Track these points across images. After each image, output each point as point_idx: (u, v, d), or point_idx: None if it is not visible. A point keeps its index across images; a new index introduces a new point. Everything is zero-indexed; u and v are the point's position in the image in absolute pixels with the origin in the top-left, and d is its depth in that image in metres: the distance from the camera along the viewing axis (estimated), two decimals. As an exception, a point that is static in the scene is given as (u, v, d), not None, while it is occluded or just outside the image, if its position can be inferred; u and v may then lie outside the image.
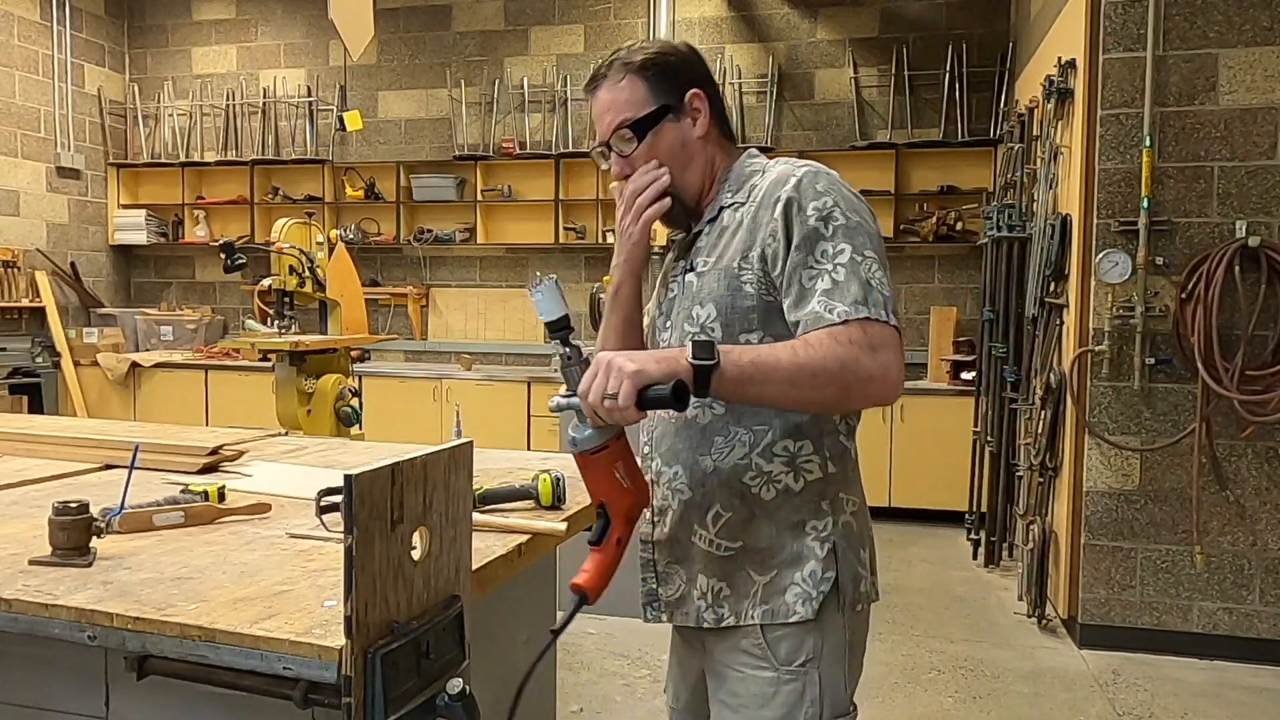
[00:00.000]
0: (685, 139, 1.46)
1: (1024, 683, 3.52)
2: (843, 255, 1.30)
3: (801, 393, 1.25)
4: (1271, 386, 3.57)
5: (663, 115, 1.44)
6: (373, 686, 1.05)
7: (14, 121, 6.88)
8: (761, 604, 1.39)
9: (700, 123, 1.47)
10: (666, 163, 1.45)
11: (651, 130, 1.44)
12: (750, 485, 1.39)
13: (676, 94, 1.45)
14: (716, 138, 1.51)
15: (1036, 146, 4.55)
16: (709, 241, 1.46)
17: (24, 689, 1.41)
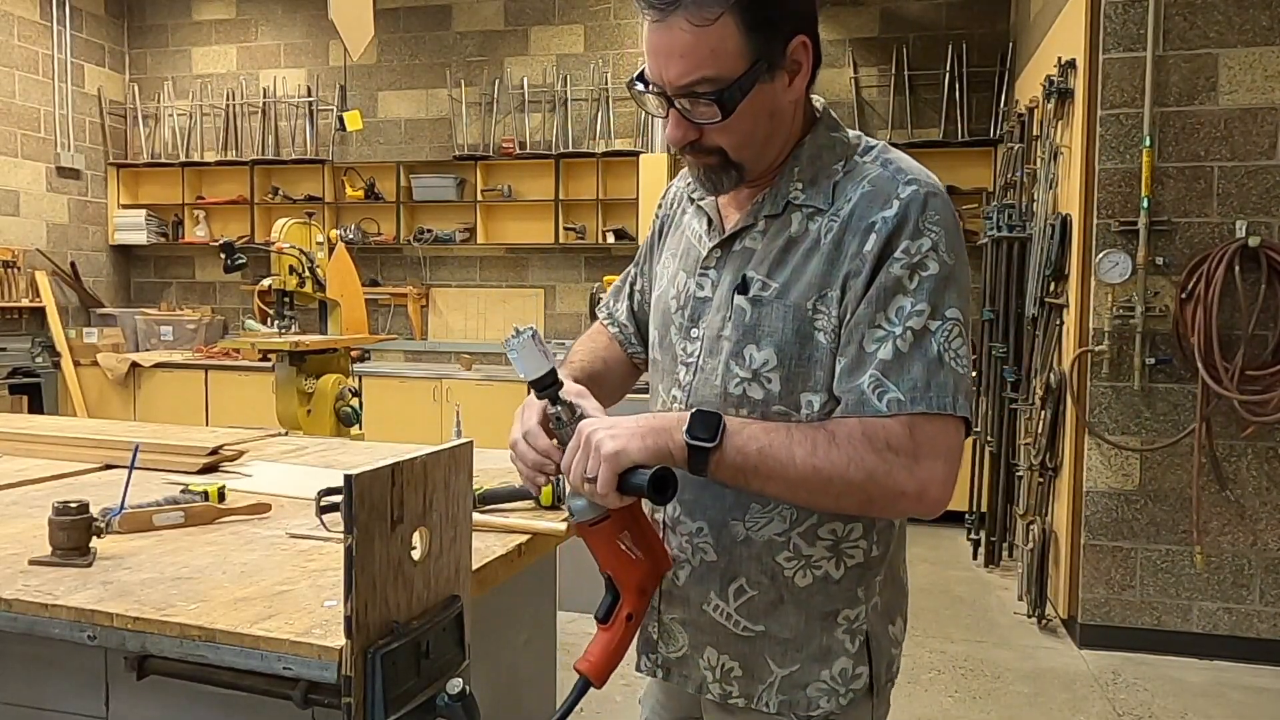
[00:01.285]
0: (776, 105, 1.11)
1: (1024, 683, 3.52)
2: (918, 318, 1.04)
3: (813, 498, 1.07)
4: (1271, 386, 3.57)
5: (758, 76, 1.06)
6: (373, 686, 1.05)
7: (14, 121, 6.88)
8: (779, 694, 1.18)
9: (798, 83, 1.11)
10: (744, 140, 1.11)
11: (745, 97, 1.07)
12: (784, 566, 1.15)
13: (779, 43, 1.07)
14: (805, 100, 1.17)
15: (1036, 146, 4.55)
16: (765, 248, 1.15)
17: (24, 689, 1.41)
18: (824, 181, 1.14)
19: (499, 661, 1.86)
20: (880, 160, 1.13)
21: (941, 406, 1.03)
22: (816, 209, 1.13)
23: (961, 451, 1.08)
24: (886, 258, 1.06)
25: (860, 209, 1.09)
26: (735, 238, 1.18)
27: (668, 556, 1.16)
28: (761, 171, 1.16)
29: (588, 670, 1.11)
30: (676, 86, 1.07)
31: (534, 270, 7.09)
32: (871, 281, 1.06)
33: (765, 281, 1.13)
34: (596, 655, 1.11)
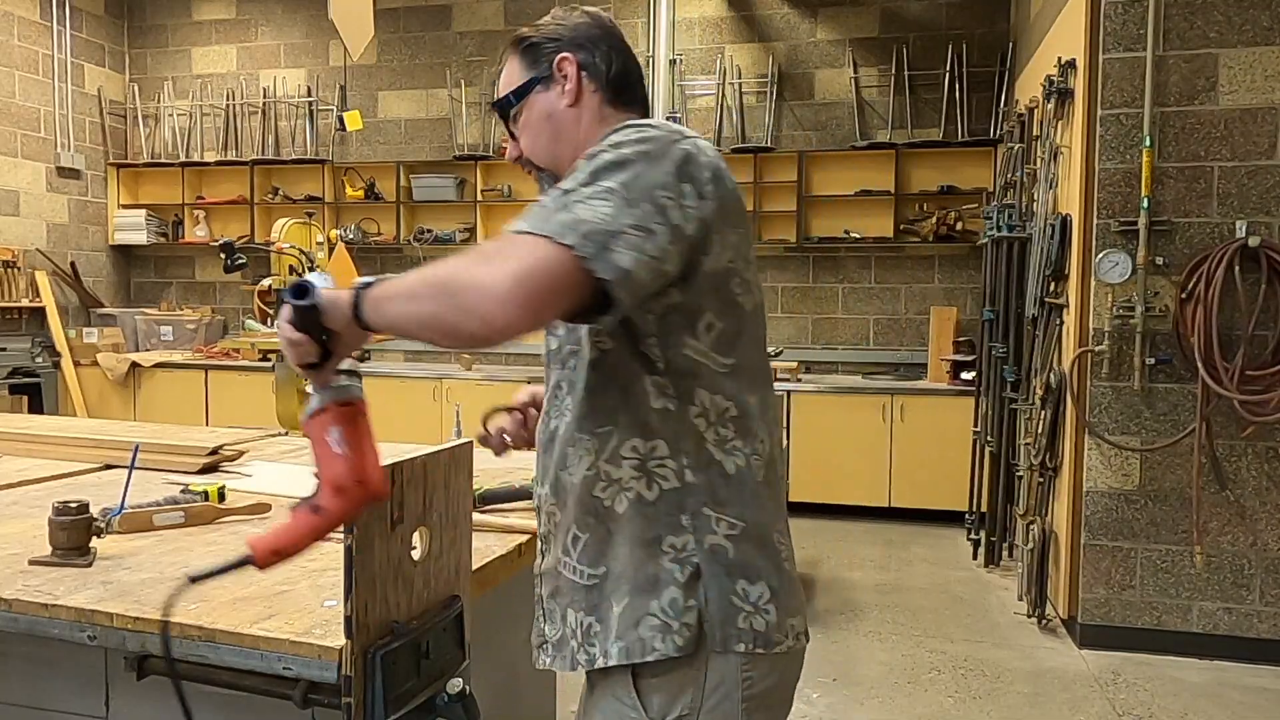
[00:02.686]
0: (552, 109, 1.33)
1: (1024, 683, 3.52)
2: (570, 183, 1.09)
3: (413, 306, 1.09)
4: (1271, 386, 3.57)
5: (530, 87, 1.35)
6: (373, 686, 1.05)
7: (14, 121, 6.88)
8: (617, 639, 1.16)
9: (569, 89, 1.32)
10: (534, 135, 1.35)
11: (520, 102, 1.36)
12: (602, 498, 1.18)
13: (545, 61, 1.35)
14: (598, 106, 1.33)
15: (1036, 146, 4.55)
16: None
17: (24, 689, 1.41)
18: None
19: (499, 661, 1.86)
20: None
21: (544, 230, 1.02)
22: None
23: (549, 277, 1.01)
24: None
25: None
26: None
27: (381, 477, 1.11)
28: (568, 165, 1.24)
29: (252, 545, 1.07)
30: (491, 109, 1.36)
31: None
32: None
33: None
34: (268, 535, 1.07)
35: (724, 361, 1.17)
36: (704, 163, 1.14)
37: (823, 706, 3.28)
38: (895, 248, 6.35)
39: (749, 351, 1.21)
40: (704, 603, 1.15)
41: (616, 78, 1.35)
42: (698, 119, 6.69)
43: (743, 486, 1.19)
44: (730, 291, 1.17)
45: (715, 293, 1.16)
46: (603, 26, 1.38)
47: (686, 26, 6.68)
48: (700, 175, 1.13)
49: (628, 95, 1.35)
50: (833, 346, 6.56)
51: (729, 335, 1.17)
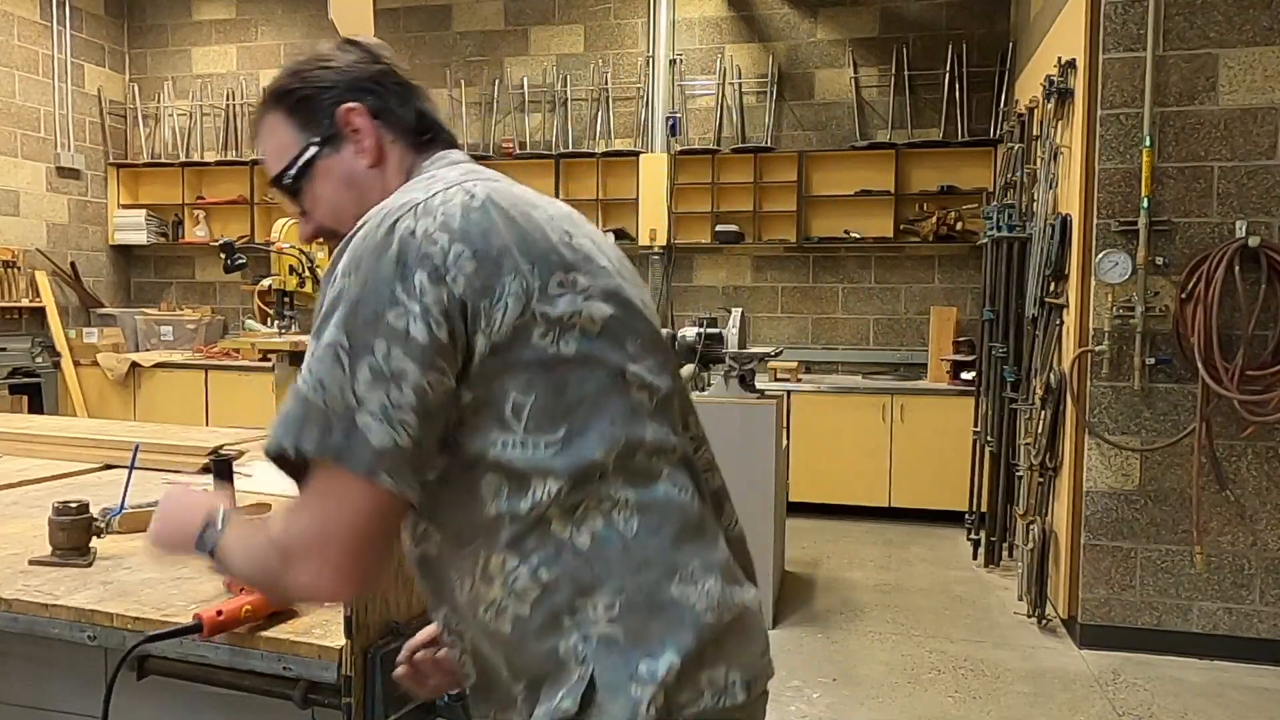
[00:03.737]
0: (350, 174, 1.11)
1: (1024, 683, 3.52)
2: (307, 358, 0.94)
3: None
4: (1271, 386, 3.57)
5: (314, 155, 1.11)
6: (373, 686, 1.05)
7: (14, 121, 6.88)
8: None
9: (367, 146, 1.10)
10: (335, 206, 1.12)
11: (306, 178, 1.12)
12: (485, 620, 1.00)
13: (324, 118, 1.11)
14: (401, 156, 1.13)
15: (1036, 146, 4.55)
16: None
17: (24, 689, 1.41)
18: None
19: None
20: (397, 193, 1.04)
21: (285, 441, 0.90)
22: None
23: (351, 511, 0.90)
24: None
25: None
26: None
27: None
28: None
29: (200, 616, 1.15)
30: (269, 186, 1.15)
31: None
32: None
33: None
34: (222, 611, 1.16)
35: (550, 438, 0.95)
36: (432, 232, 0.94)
37: (823, 706, 3.28)
38: (895, 248, 6.35)
39: (594, 401, 0.98)
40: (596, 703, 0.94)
41: (416, 119, 1.14)
42: (697, 119, 6.70)
43: (605, 554, 0.96)
44: (534, 348, 0.95)
45: (510, 366, 0.95)
46: (380, 60, 1.15)
47: (686, 26, 6.68)
48: (431, 251, 0.93)
49: (431, 134, 1.15)
50: (833, 346, 6.56)
51: (547, 406, 0.96)
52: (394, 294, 0.91)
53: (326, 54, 1.14)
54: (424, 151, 1.14)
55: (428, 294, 0.91)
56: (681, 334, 4.25)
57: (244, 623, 1.14)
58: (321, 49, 1.15)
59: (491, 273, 0.94)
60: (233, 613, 1.13)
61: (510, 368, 0.95)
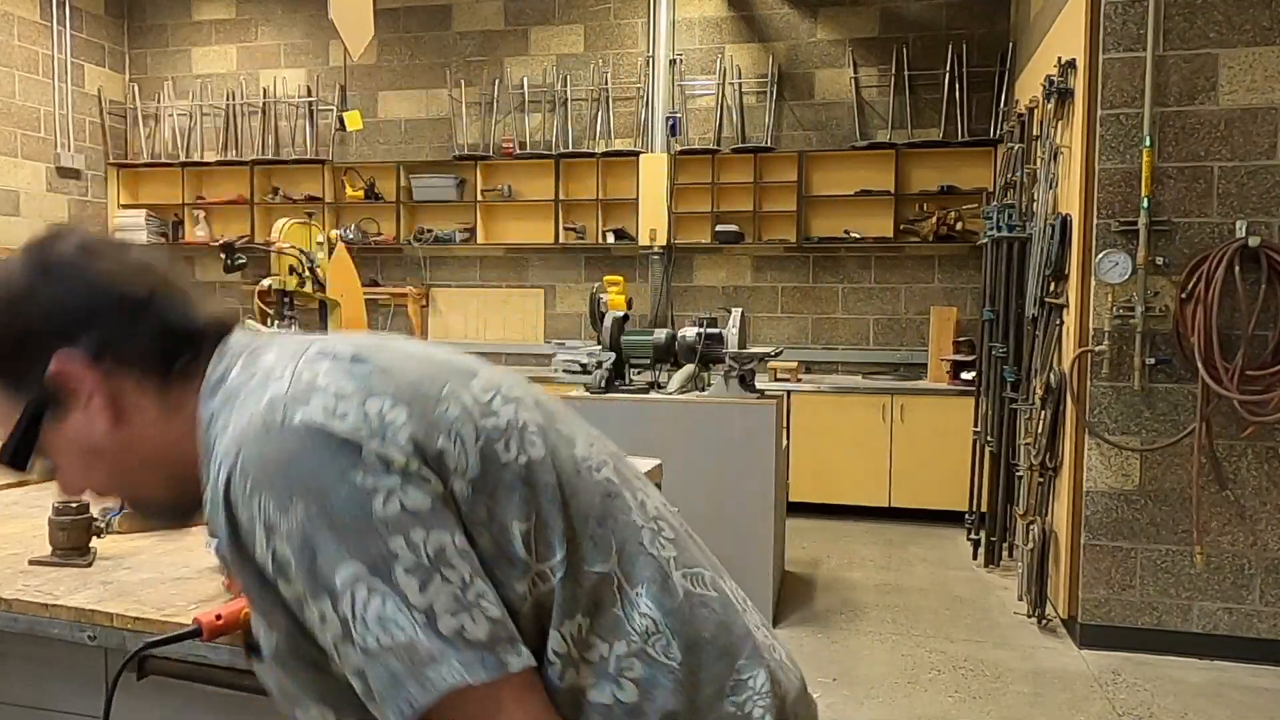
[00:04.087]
0: (91, 442, 0.87)
1: (1024, 683, 3.52)
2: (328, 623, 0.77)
3: None
4: (1271, 386, 3.57)
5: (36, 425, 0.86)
6: (373, 686, 1.05)
7: (14, 121, 6.88)
8: None
9: (97, 405, 0.85)
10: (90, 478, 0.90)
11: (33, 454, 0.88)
12: None
13: (34, 378, 0.85)
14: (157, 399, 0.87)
15: (1036, 146, 4.55)
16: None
17: (24, 689, 1.41)
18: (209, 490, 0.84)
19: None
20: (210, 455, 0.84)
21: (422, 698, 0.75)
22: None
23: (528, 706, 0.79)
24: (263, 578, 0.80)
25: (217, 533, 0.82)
26: None
27: None
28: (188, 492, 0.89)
29: (199, 620, 1.12)
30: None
31: (534, 270, 7.09)
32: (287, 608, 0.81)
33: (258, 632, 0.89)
34: (221, 615, 1.13)
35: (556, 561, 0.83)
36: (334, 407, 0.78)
37: (823, 706, 3.27)
38: (895, 248, 6.36)
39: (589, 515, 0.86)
40: None
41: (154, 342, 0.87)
42: (697, 119, 6.70)
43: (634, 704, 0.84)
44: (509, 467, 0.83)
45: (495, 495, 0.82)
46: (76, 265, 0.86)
47: (686, 26, 6.68)
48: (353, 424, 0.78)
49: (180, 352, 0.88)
50: (833, 346, 6.56)
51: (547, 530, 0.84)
52: (359, 485, 0.76)
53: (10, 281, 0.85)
54: (185, 380, 0.88)
55: (390, 459, 0.77)
56: (682, 334, 4.25)
57: (243, 626, 1.14)
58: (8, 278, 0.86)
59: (424, 410, 0.81)
60: (231, 616, 1.13)
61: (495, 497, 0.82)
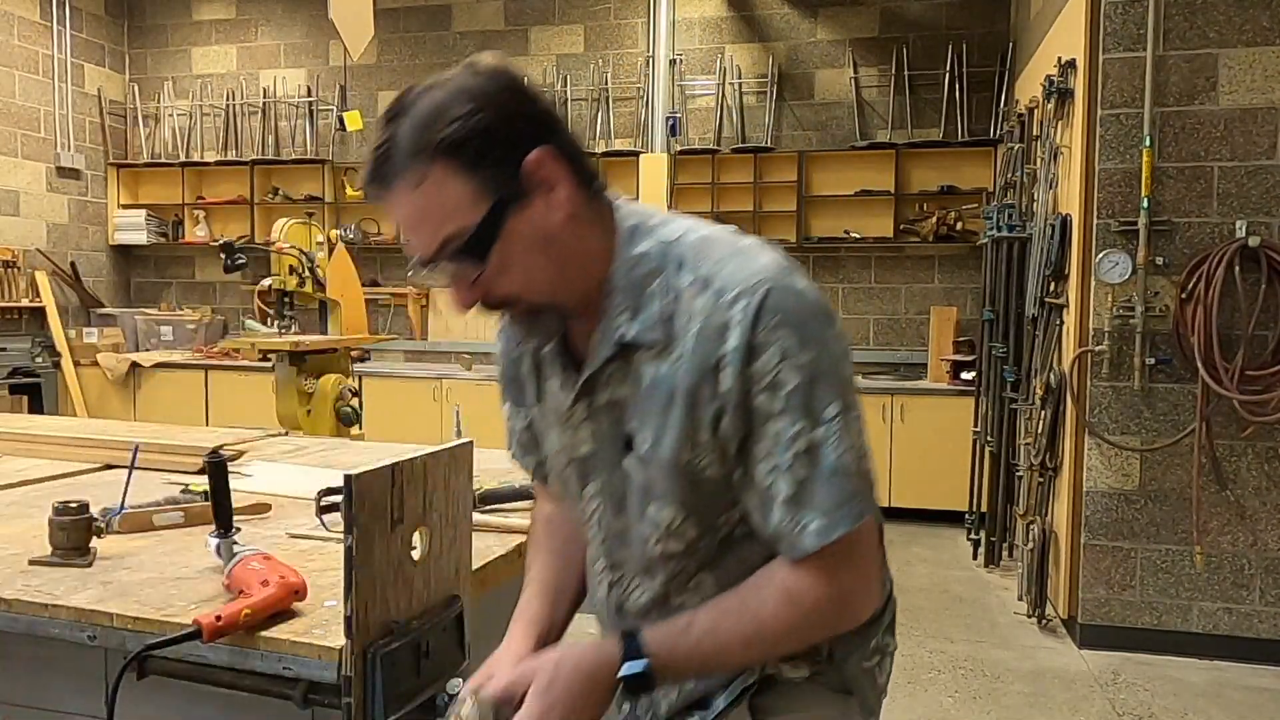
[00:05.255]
0: (545, 232, 1.00)
1: (1024, 683, 3.52)
2: (801, 439, 0.99)
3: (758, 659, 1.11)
4: (1271, 386, 3.57)
5: (503, 212, 0.97)
6: (373, 686, 1.05)
7: (14, 121, 6.88)
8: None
9: (560, 198, 1.00)
10: (528, 270, 1.01)
11: (496, 242, 0.98)
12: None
13: (512, 167, 0.97)
14: (585, 203, 1.03)
15: (1036, 146, 4.55)
16: (630, 397, 1.07)
17: (24, 689, 1.41)
18: (650, 308, 1.03)
19: (499, 661, 1.85)
20: (702, 280, 1.02)
21: (856, 518, 1.02)
22: (656, 349, 1.03)
23: (878, 543, 1.13)
24: (746, 390, 0.99)
25: (701, 348, 1.00)
26: (594, 388, 1.09)
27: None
28: (579, 301, 1.06)
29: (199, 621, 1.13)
30: (429, 255, 0.99)
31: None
32: (742, 417, 1.01)
33: (643, 436, 1.06)
34: (221, 616, 1.14)
35: None
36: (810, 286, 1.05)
37: (823, 706, 3.27)
38: (895, 248, 6.35)
39: None
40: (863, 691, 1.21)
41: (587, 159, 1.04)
42: (697, 119, 6.70)
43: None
44: None
45: None
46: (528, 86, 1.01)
47: (686, 26, 6.68)
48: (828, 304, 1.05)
49: (594, 176, 1.05)
50: (833, 346, 6.55)
51: None
52: (843, 347, 1.03)
53: (489, 86, 0.97)
54: (598, 198, 1.05)
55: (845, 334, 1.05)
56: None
57: (243, 626, 1.15)
58: (474, 82, 0.97)
59: None
60: (231, 617, 1.14)
61: None
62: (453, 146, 0.95)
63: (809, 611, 1.04)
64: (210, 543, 1.34)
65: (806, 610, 1.04)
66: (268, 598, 1.20)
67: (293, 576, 1.24)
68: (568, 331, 1.12)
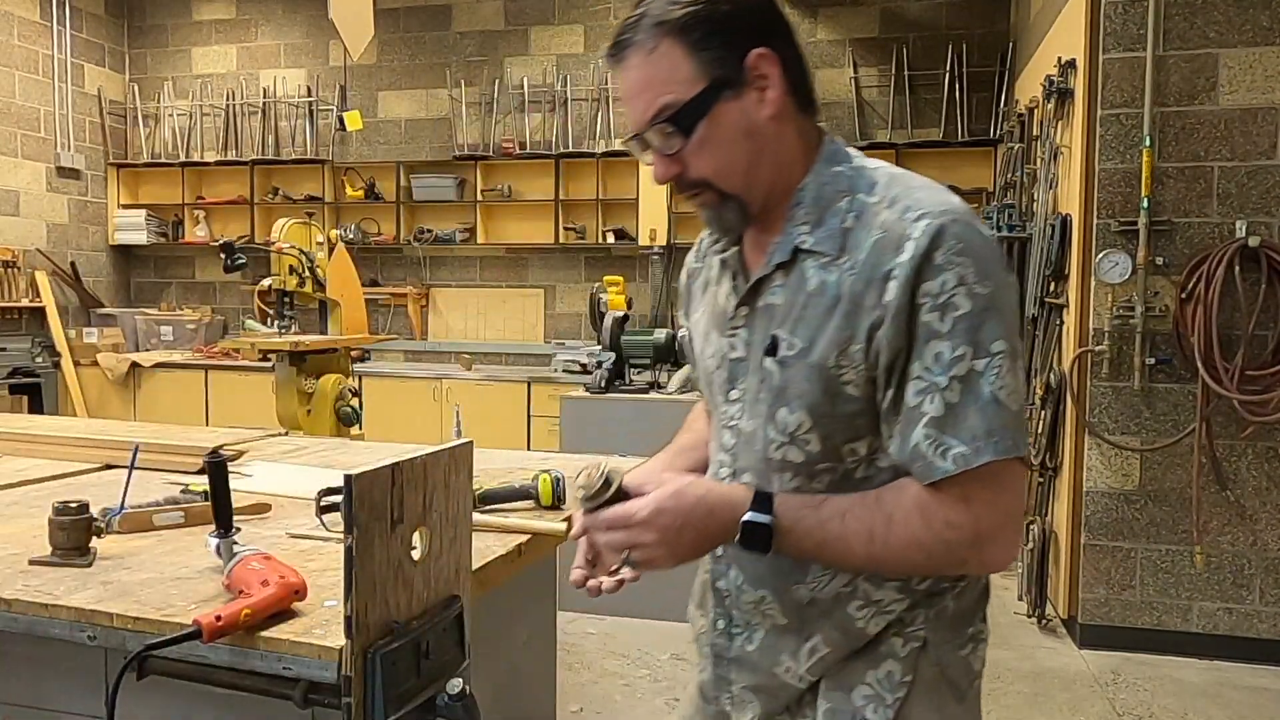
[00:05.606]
0: (750, 124, 1.07)
1: (1024, 683, 3.52)
2: (961, 363, 0.99)
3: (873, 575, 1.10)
4: (1271, 386, 3.57)
5: (716, 95, 1.05)
6: (373, 686, 1.05)
7: (14, 121, 6.88)
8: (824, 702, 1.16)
9: (771, 96, 1.06)
10: (725, 155, 1.08)
11: (703, 119, 1.05)
12: (856, 617, 1.12)
13: (734, 57, 1.05)
14: (793, 113, 1.10)
15: (1036, 146, 4.55)
16: (788, 304, 1.10)
17: (24, 689, 1.41)
18: (832, 223, 1.08)
19: (499, 661, 1.86)
20: (889, 199, 1.06)
21: (1003, 451, 0.99)
22: (829, 258, 1.07)
23: (1024, 493, 1.08)
24: (912, 304, 1.01)
25: (874, 258, 1.03)
26: (758, 293, 1.13)
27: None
28: (764, 203, 1.11)
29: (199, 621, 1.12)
30: (642, 122, 1.08)
31: (534, 270, 7.09)
32: (901, 331, 1.01)
33: (791, 341, 1.09)
34: (221, 616, 1.13)
35: None
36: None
37: (823, 706, 3.27)
38: (895, 248, 6.35)
39: None
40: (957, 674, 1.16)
41: (802, 74, 1.10)
42: (698, 119, 6.69)
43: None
44: None
45: None
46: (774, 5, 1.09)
47: (686, 26, 6.67)
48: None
49: (811, 96, 1.12)
50: (833, 346, 6.55)
51: None
52: (1015, 289, 1.06)
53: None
54: (809, 117, 1.12)
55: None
56: (681, 334, 4.25)
57: (243, 626, 1.15)
58: None
59: None
60: (231, 617, 1.14)
61: None
62: (685, 26, 1.04)
63: (939, 533, 1.01)
64: (210, 543, 1.34)
65: (937, 531, 1.01)
66: (268, 598, 1.19)
67: (293, 576, 1.24)
68: (742, 245, 1.18)
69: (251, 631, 1.16)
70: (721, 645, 1.21)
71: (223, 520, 1.34)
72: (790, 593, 1.13)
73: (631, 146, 1.12)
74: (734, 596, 1.18)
